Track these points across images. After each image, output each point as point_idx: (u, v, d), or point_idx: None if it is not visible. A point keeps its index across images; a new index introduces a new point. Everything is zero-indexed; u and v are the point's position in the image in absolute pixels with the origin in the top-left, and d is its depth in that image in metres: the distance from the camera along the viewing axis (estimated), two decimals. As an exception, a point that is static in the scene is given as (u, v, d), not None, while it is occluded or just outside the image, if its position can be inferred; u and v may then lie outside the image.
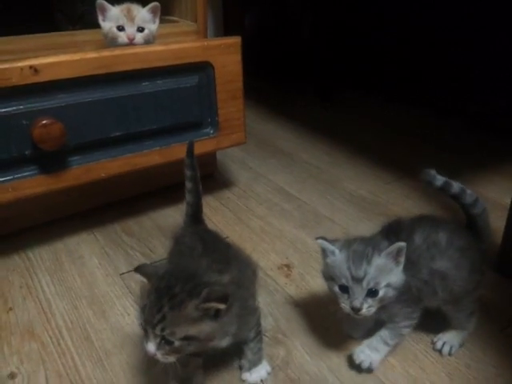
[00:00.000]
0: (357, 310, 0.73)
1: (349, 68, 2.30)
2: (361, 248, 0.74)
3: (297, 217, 1.30)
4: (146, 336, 0.64)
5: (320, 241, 0.77)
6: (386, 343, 0.82)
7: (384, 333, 0.82)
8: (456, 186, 0.83)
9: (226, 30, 2.21)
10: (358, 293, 0.72)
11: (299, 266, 1.10)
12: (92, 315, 0.95)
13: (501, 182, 1.45)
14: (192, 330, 0.63)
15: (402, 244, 0.72)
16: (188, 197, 0.91)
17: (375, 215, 1.30)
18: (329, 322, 0.93)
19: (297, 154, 1.67)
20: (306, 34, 2.31)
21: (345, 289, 0.74)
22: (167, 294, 0.63)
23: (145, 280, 0.67)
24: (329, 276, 0.77)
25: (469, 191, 0.84)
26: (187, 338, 0.63)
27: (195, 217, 0.92)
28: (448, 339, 0.87)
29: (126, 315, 0.95)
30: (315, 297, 1.00)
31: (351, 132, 1.87)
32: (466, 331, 0.87)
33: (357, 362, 0.82)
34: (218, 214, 1.31)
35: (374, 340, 0.83)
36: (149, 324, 0.63)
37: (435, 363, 0.84)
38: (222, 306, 0.63)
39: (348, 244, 0.76)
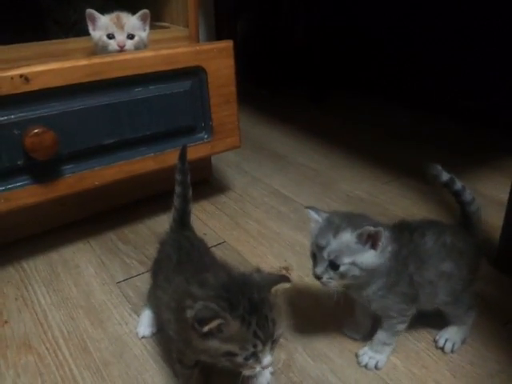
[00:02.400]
0: (317, 278, 0.75)
1: (344, 69, 2.30)
2: (336, 220, 0.75)
3: (294, 219, 1.29)
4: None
5: (307, 210, 0.79)
6: (385, 343, 0.83)
7: (381, 335, 0.83)
8: (459, 184, 0.86)
9: (218, 34, 2.21)
10: (321, 262, 0.74)
11: (298, 268, 1.09)
12: (89, 325, 0.94)
13: (498, 178, 1.45)
14: None
15: (373, 229, 0.71)
16: (176, 201, 0.90)
17: (373, 215, 1.28)
18: (329, 323, 0.92)
19: (292, 157, 1.67)
20: (299, 36, 2.31)
21: (313, 256, 0.76)
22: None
23: (220, 320, 0.61)
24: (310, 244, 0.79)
25: (468, 190, 0.87)
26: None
27: (181, 222, 0.91)
28: (450, 336, 0.86)
29: (124, 324, 0.94)
30: (315, 299, 0.99)
31: (346, 133, 1.87)
32: (466, 326, 0.87)
33: (361, 364, 0.84)
34: (215, 219, 1.29)
35: (374, 343, 0.84)
36: None
37: (438, 361, 0.84)
38: None
39: (333, 215, 0.77)
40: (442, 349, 0.86)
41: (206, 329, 0.60)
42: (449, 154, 1.61)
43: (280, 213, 1.32)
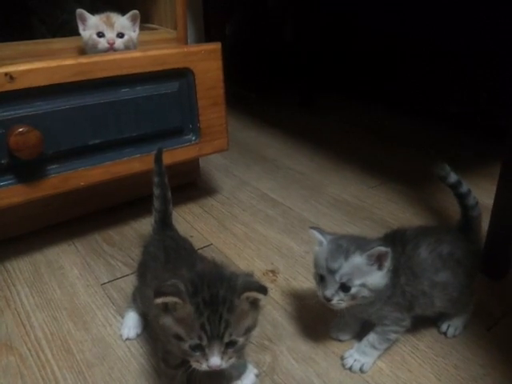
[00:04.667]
0: (327, 300, 0.75)
1: (332, 73, 2.31)
2: (344, 244, 0.76)
3: (281, 222, 1.29)
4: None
5: (311, 230, 0.80)
6: (373, 347, 0.83)
7: (372, 337, 0.83)
8: (465, 187, 0.87)
9: (207, 37, 2.21)
10: (331, 284, 0.75)
11: (284, 271, 1.09)
12: (73, 326, 0.93)
13: (483, 183, 1.46)
14: None
15: (384, 249, 0.73)
16: (156, 203, 0.92)
17: (360, 219, 1.29)
18: (315, 326, 0.92)
19: (280, 160, 1.67)
20: (287, 39, 2.32)
21: (322, 278, 0.77)
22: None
23: (177, 299, 0.62)
24: (314, 264, 0.79)
25: (473, 194, 0.88)
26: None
27: (164, 223, 0.92)
28: (452, 322, 0.88)
29: (108, 326, 0.93)
30: (301, 302, 0.99)
31: (335, 137, 1.87)
32: (466, 314, 0.89)
33: (346, 366, 0.83)
34: (202, 222, 1.29)
35: (363, 344, 0.84)
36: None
37: (423, 365, 0.84)
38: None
39: (339, 238, 0.78)
40: (445, 334, 0.88)
41: (158, 300, 0.61)
42: (435, 158, 1.62)
43: (267, 216, 1.32)
